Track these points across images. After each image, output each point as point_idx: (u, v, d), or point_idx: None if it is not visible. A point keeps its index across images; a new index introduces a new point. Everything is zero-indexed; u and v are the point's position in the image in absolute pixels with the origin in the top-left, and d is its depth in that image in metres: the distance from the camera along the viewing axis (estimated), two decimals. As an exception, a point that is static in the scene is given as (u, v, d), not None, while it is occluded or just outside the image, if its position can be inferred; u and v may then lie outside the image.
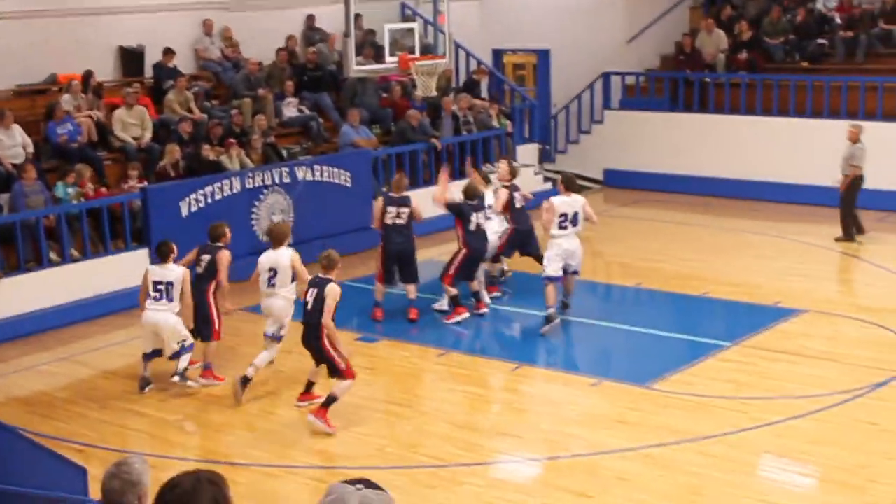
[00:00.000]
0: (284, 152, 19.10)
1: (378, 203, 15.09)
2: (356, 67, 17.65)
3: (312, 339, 11.20)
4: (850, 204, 18.63)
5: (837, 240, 18.42)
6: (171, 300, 12.39)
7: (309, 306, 11.21)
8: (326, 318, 10.99)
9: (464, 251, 14.64)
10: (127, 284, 15.49)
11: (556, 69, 25.68)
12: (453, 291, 14.57)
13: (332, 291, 11.06)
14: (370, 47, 19.62)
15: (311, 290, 11.27)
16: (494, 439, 11.00)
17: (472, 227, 14.60)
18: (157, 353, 12.57)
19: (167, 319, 12.36)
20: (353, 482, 3.57)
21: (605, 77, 24.96)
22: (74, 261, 15.65)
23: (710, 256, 18.09)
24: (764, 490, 9.85)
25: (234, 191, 17.08)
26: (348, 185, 18.70)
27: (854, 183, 18.53)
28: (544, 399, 12.24)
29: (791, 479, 10.26)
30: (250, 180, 17.32)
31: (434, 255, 17.33)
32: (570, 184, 14.55)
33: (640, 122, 24.00)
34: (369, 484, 3.60)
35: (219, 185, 16.90)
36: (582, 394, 12.21)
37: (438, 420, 11.46)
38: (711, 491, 9.66)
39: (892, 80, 22.10)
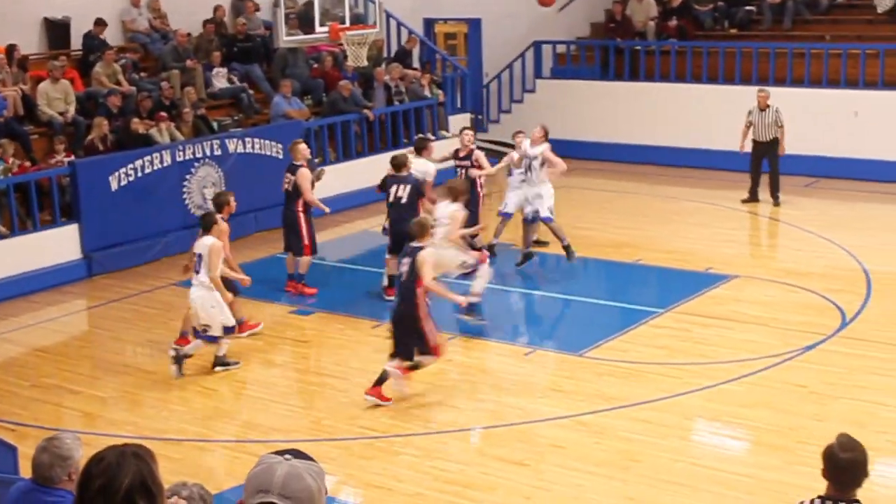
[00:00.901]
0: (215, 124, 18.93)
1: None
2: (286, 38, 17.53)
3: (406, 311, 10.93)
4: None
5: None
6: (197, 272, 11.90)
7: (404, 277, 11.03)
8: (427, 280, 10.76)
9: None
10: (57, 260, 15.32)
11: (488, 38, 25.64)
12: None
13: (426, 257, 10.86)
14: (297, 18, 19.47)
15: (404, 259, 11.07)
16: (431, 409, 11.04)
17: (391, 199, 14.36)
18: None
19: (196, 296, 11.89)
20: (281, 453, 3.57)
21: (537, 46, 24.98)
22: (2, 237, 15.40)
23: (642, 224, 18.22)
24: (697, 454, 9.99)
25: (165, 164, 16.89)
26: (280, 157, 18.57)
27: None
28: (479, 369, 12.29)
29: (723, 443, 10.42)
30: (181, 153, 17.15)
31: (366, 226, 17.31)
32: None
33: (572, 91, 24.07)
34: (298, 454, 3.59)
35: (149, 158, 16.70)
36: (517, 363, 12.28)
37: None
38: (645, 456, 9.77)
39: (818, 46, 22.35)
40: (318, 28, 17.60)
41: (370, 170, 20.04)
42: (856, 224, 17.91)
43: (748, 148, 19.11)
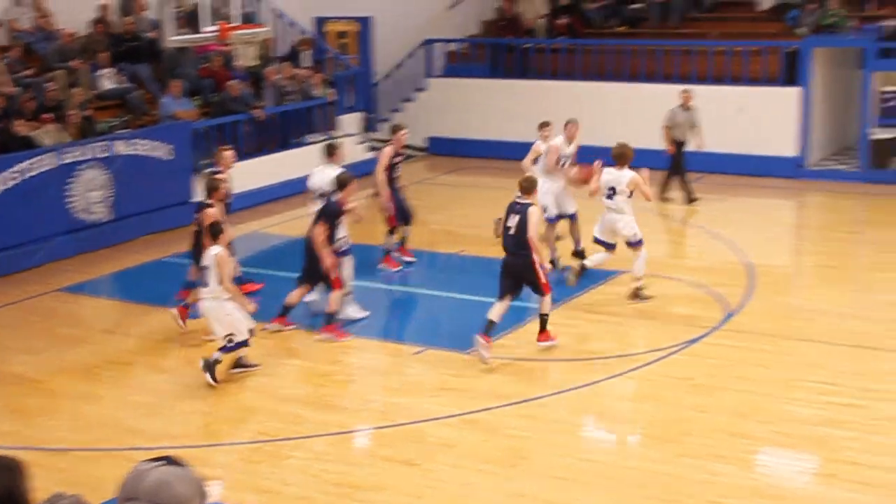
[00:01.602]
0: (102, 126, 18.63)
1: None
2: (174, 37, 17.33)
3: (520, 258, 11.99)
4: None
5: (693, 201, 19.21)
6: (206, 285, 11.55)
7: (512, 231, 11.95)
8: (532, 233, 11.87)
9: None
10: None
11: (379, 37, 25.65)
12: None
13: (535, 213, 11.99)
14: (186, 17, 19.25)
15: (511, 216, 12.01)
16: (320, 412, 10.98)
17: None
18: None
19: (208, 308, 11.63)
20: (156, 459, 3.53)
21: (427, 44, 25.05)
22: None
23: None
24: (585, 449, 10.09)
25: (50, 167, 16.57)
26: (169, 158, 18.36)
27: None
28: (369, 370, 12.28)
29: (610, 437, 10.56)
30: (66, 156, 16.85)
31: (258, 227, 17.17)
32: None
33: (463, 89, 24.19)
34: (171, 461, 3.56)
35: (32, 161, 16.37)
36: (406, 363, 12.28)
37: (263, 395, 11.38)
38: (534, 453, 9.83)
39: (705, 43, 22.73)
40: (206, 27, 17.42)
41: (261, 170, 19.99)
42: (741, 219, 18.26)
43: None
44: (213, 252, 11.42)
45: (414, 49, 25.08)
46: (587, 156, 16.90)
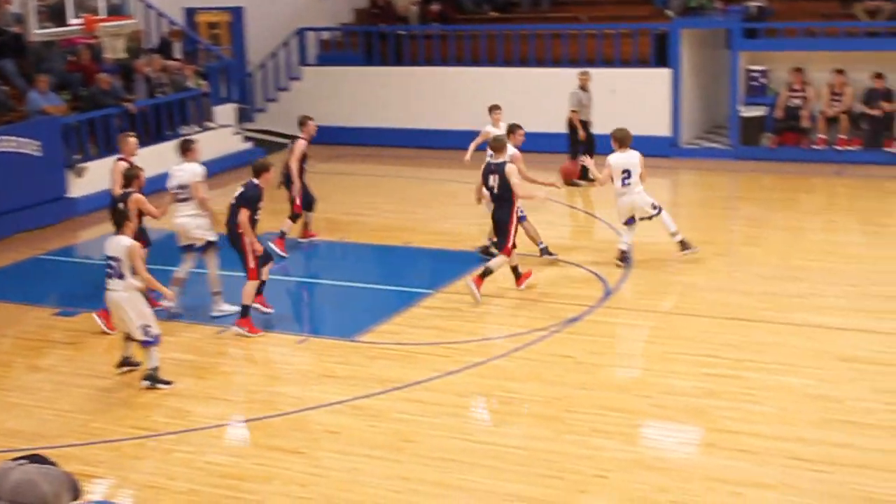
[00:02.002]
0: (-34, 123, 18.17)
1: None
2: (38, 31, 16.95)
3: (502, 213, 13.30)
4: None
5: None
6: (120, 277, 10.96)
7: (495, 189, 13.24)
8: (515, 181, 13.17)
9: None
10: None
11: (251, 26, 25.41)
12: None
13: (511, 168, 13.17)
14: (51, 10, 18.83)
15: (491, 176, 13.31)
16: (203, 404, 10.85)
17: None
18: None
19: (122, 298, 10.98)
20: (19, 458, 3.46)
21: (301, 33, 24.90)
22: None
23: (412, 207, 18.40)
24: (470, 430, 10.13)
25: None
26: (38, 154, 17.96)
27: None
28: (252, 360, 12.17)
29: (496, 418, 10.62)
30: (-71, 155, 16.40)
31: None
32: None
33: (338, 77, 24.11)
34: (37, 459, 3.49)
35: None
36: (290, 352, 12.22)
37: (145, 390, 11.21)
38: (420, 436, 9.86)
39: (576, 27, 22.99)
40: (72, 20, 17.07)
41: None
42: (615, 198, 18.47)
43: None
44: (125, 243, 11.00)
45: (287, 38, 24.90)
46: (466, 142, 17.05)
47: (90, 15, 17.15)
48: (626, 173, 14.13)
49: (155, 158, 20.17)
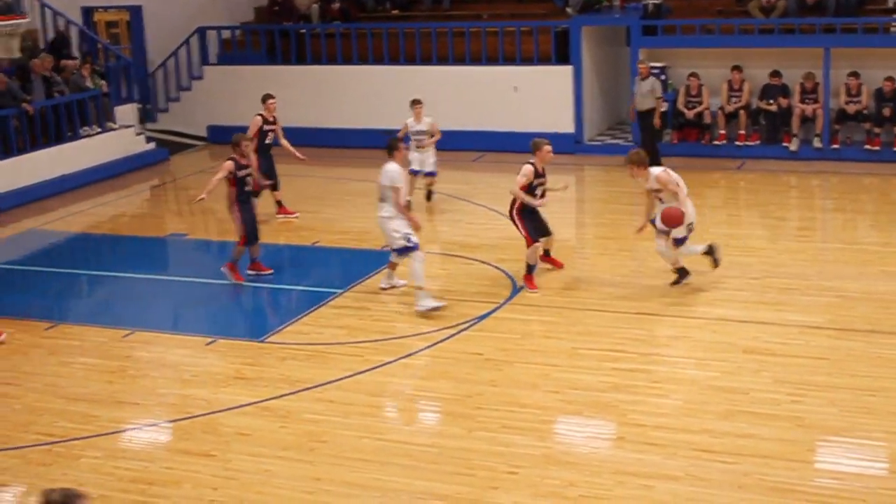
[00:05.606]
0: None
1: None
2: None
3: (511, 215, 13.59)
4: (657, 135, 19.90)
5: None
6: None
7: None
8: (513, 187, 13.37)
9: None
10: None
11: (150, 26, 25.11)
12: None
13: (524, 168, 13.44)
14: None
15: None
16: (111, 409, 10.73)
17: None
18: None
19: None
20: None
21: (201, 32, 24.67)
22: None
23: (317, 206, 18.35)
24: (382, 429, 10.15)
25: None
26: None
27: (654, 114, 19.68)
28: (160, 363, 12.04)
29: (407, 416, 10.65)
30: None
31: (33, 224, 16.59)
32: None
33: (240, 77, 23.93)
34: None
35: None
36: (198, 354, 12.12)
37: (51, 395, 11.06)
38: (332, 436, 9.86)
39: (477, 24, 23.09)
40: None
41: (33, 166, 19.36)
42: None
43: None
44: None
45: (187, 37, 24.64)
46: (369, 141, 17.05)
47: (-18, 14, 16.85)
48: (657, 192, 13.23)
49: (53, 160, 19.97)
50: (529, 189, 13.50)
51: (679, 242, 13.32)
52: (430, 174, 17.71)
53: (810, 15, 21.03)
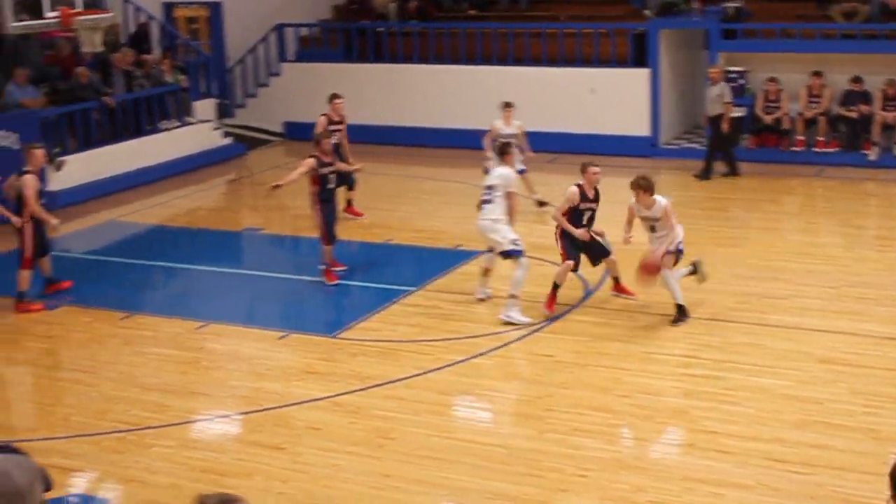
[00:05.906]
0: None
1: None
2: (14, 24, 16.87)
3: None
4: (731, 140, 19.92)
5: (726, 175, 19.83)
6: None
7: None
8: (556, 213, 13.09)
9: None
10: None
11: (230, 22, 25.35)
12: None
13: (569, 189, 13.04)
14: (28, 3, 18.73)
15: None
16: (184, 399, 10.86)
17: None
18: None
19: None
20: (-5, 448, 3.45)
21: (279, 29, 24.86)
22: None
23: (392, 204, 18.41)
24: (451, 428, 10.16)
25: None
26: (16, 147, 17.85)
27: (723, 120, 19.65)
28: (232, 356, 12.15)
29: (476, 416, 10.65)
30: None
31: (111, 216, 16.82)
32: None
33: (317, 74, 24.07)
34: (7, 449, 3.47)
35: None
36: (270, 348, 12.21)
37: (126, 384, 11.21)
38: (401, 433, 9.88)
39: (555, 25, 23.02)
40: (47, 13, 17.00)
41: (112, 158, 19.63)
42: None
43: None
44: None
45: (266, 34, 24.85)
46: (445, 140, 17.07)
47: (66, 8, 17.06)
48: (654, 221, 13.00)
49: (133, 153, 20.24)
50: (576, 213, 13.00)
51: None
52: (520, 171, 17.62)
53: (893, 20, 20.73)
